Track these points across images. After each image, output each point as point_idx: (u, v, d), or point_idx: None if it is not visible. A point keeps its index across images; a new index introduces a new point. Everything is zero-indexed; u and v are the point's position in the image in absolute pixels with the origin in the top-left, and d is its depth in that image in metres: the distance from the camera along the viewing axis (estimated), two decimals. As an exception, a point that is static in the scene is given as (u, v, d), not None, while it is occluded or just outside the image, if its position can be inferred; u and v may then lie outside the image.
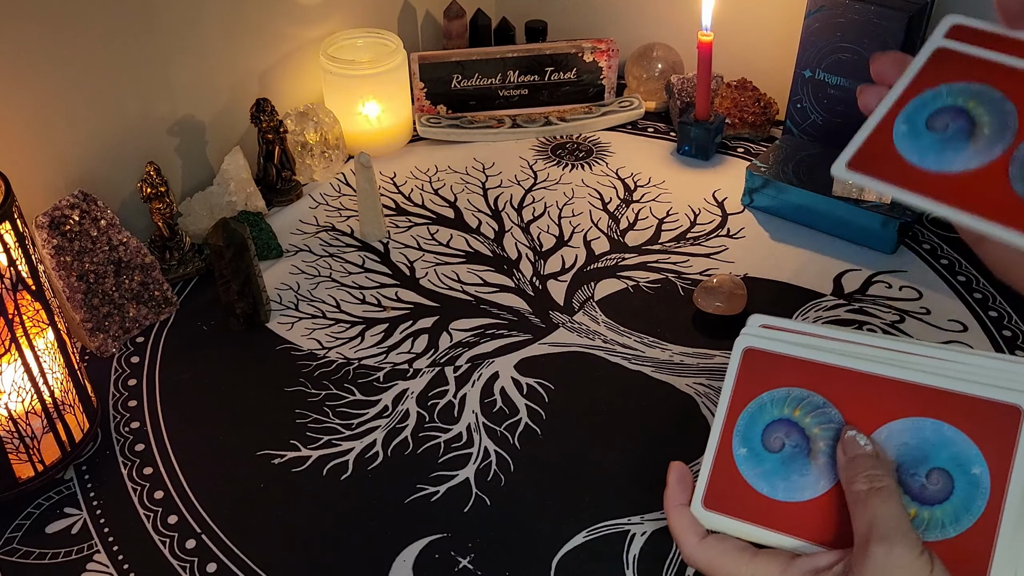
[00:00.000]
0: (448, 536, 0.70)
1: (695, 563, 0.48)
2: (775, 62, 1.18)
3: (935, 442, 0.46)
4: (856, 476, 0.45)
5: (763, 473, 0.48)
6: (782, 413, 0.49)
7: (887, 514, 0.44)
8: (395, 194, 1.09)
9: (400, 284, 0.95)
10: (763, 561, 0.47)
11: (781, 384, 0.49)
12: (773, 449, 0.48)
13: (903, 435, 0.47)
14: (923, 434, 0.46)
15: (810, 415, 0.48)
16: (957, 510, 0.45)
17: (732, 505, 0.48)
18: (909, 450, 0.46)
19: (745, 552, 0.47)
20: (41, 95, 0.86)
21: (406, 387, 0.83)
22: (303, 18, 1.12)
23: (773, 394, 0.49)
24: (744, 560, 0.47)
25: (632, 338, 0.88)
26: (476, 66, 1.20)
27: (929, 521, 0.46)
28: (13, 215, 0.66)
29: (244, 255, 0.85)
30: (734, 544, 0.47)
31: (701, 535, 0.48)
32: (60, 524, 0.72)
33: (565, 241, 1.01)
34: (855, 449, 0.46)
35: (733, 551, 0.47)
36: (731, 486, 0.48)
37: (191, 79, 1.00)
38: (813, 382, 0.49)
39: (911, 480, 0.46)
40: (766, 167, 1.04)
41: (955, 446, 0.46)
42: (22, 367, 0.69)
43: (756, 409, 0.49)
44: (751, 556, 0.47)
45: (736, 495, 0.48)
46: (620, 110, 1.23)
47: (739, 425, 0.49)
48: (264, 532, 0.71)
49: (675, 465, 0.52)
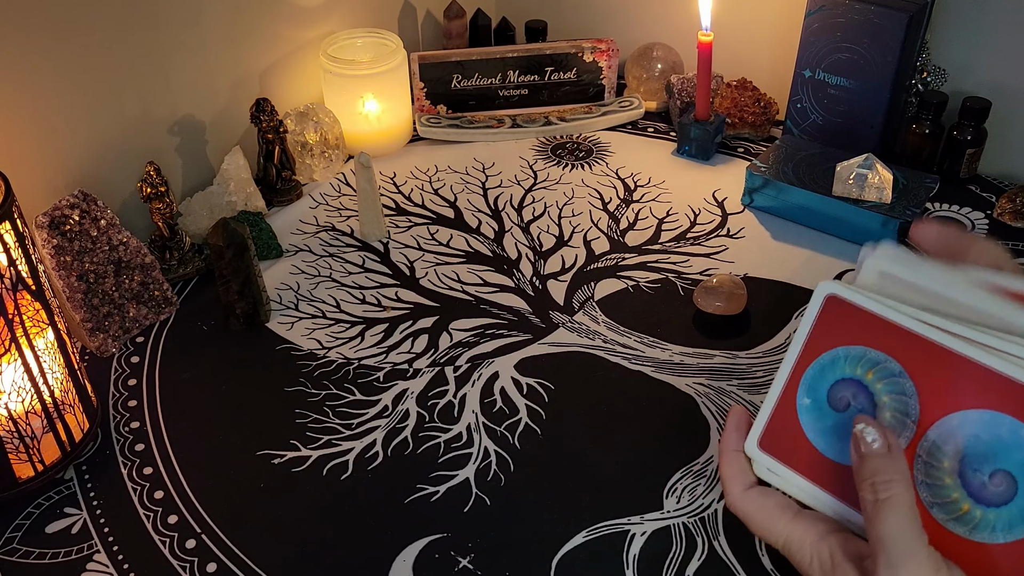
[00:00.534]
0: (448, 536, 0.70)
1: (736, 510, 0.48)
2: (775, 62, 1.18)
3: (1009, 442, 0.43)
4: (862, 482, 0.44)
5: (822, 429, 0.46)
6: (854, 373, 0.46)
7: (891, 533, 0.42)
8: (395, 194, 1.09)
9: (400, 284, 0.95)
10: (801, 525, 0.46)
11: (860, 342, 0.46)
12: (837, 407, 0.46)
13: (976, 427, 0.43)
14: (998, 431, 0.43)
15: (883, 381, 0.45)
16: (1013, 517, 0.43)
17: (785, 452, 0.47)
18: (979, 444, 0.43)
19: (787, 511, 0.47)
20: (41, 95, 0.86)
21: (406, 387, 0.83)
22: (303, 18, 1.12)
23: (849, 350, 0.46)
24: (785, 518, 0.46)
25: (632, 338, 0.88)
26: (476, 66, 1.20)
27: (980, 521, 0.43)
28: (13, 215, 0.66)
29: (244, 255, 0.85)
30: (777, 501, 0.47)
31: (747, 485, 0.48)
32: (60, 524, 0.72)
33: (565, 241, 1.01)
34: (863, 447, 0.44)
35: (774, 508, 0.47)
36: (788, 433, 0.47)
37: (191, 79, 1.00)
38: (894, 347, 0.45)
39: (972, 475, 0.43)
40: (766, 167, 1.04)
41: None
42: (22, 367, 0.69)
43: (829, 362, 0.46)
44: (792, 516, 0.46)
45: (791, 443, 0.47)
46: (620, 110, 1.23)
47: (808, 374, 0.47)
48: (264, 532, 0.71)
49: (736, 409, 0.51)
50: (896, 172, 0.99)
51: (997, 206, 1.03)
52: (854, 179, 0.97)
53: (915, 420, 0.45)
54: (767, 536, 0.47)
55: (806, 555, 0.46)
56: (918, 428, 0.45)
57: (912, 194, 0.98)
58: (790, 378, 0.47)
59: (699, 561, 0.68)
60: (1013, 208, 1.02)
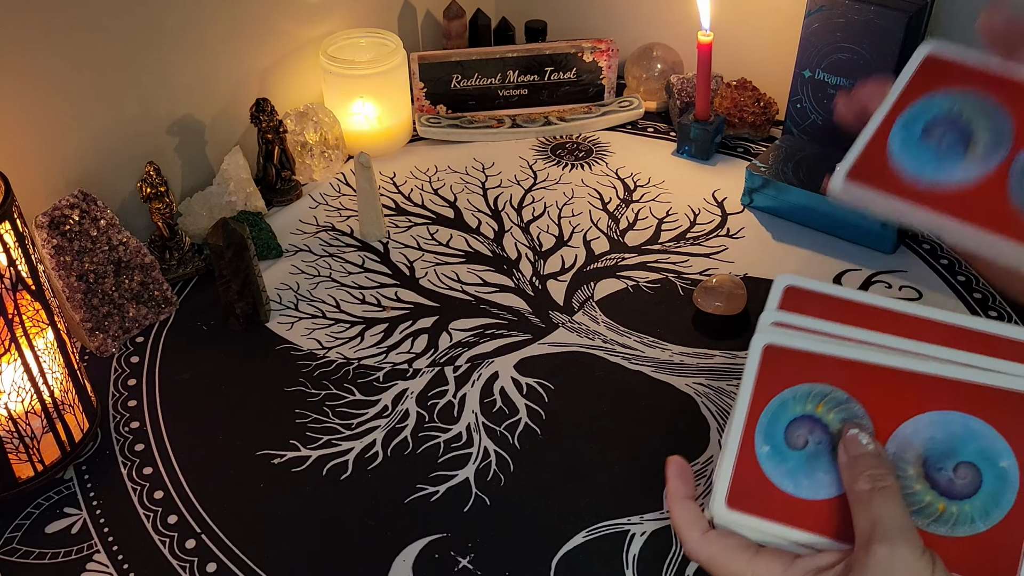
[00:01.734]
0: (448, 536, 0.70)
1: (697, 557, 0.48)
2: (775, 62, 1.18)
3: (962, 436, 0.45)
4: (858, 476, 0.45)
5: (787, 471, 0.47)
6: (805, 410, 0.48)
7: (890, 514, 0.43)
8: (395, 194, 1.09)
9: (400, 284, 0.95)
10: (765, 560, 0.46)
11: (802, 380, 0.48)
12: (796, 446, 0.47)
13: (929, 429, 0.46)
14: (949, 428, 0.45)
15: (833, 410, 0.47)
16: (986, 504, 0.44)
17: (756, 504, 0.47)
18: (936, 444, 0.45)
19: (748, 549, 0.47)
20: (41, 95, 0.86)
21: (406, 387, 0.83)
22: (303, 18, 1.12)
23: (795, 390, 0.48)
24: (746, 557, 0.46)
25: (632, 338, 0.88)
26: (476, 66, 1.20)
27: (958, 516, 0.45)
28: (13, 215, 0.66)
29: (244, 255, 0.85)
30: (737, 541, 0.47)
31: (704, 529, 0.48)
32: (60, 524, 0.72)
33: (565, 241, 1.01)
34: (857, 448, 0.46)
35: (736, 548, 0.47)
36: (754, 485, 0.47)
37: (191, 79, 1.00)
38: (836, 377, 0.47)
39: (938, 475, 0.45)
40: (766, 167, 1.04)
41: (982, 439, 0.45)
42: (22, 367, 0.69)
43: (778, 406, 0.48)
44: (753, 554, 0.47)
45: (760, 494, 0.47)
46: (620, 110, 1.23)
47: (761, 422, 0.48)
48: (264, 532, 0.71)
49: (673, 460, 0.51)
50: (896, 172, 0.99)
51: (997, 206, 1.03)
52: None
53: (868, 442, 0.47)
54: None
55: None
56: None
57: (912, 194, 0.98)
58: (744, 432, 0.48)
59: (699, 561, 0.68)
60: (1013, 208, 1.02)
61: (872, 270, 0.96)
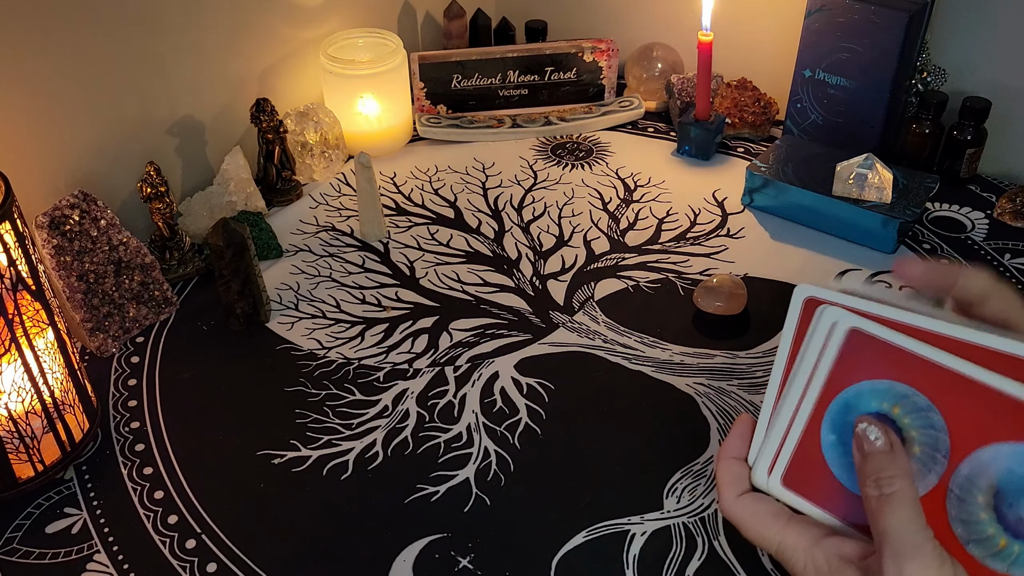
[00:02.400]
0: (448, 536, 0.70)
1: (729, 516, 0.48)
2: (775, 62, 1.18)
3: None
4: (866, 479, 0.44)
5: (849, 464, 0.46)
6: (880, 407, 0.45)
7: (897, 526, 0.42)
8: (395, 194, 1.09)
9: (400, 284, 0.95)
10: (794, 531, 0.46)
11: (884, 375, 0.44)
12: None
13: (1010, 460, 0.42)
14: None
15: (910, 416, 0.44)
16: None
17: (810, 489, 0.47)
18: (1014, 478, 0.42)
19: (780, 517, 0.47)
20: (41, 95, 0.86)
21: (406, 387, 0.83)
22: (303, 18, 1.12)
23: (874, 385, 0.45)
24: (777, 525, 0.47)
25: (632, 338, 0.88)
26: (476, 66, 1.20)
27: (1018, 556, 0.43)
28: (13, 215, 0.66)
29: (244, 255, 0.85)
30: (770, 507, 0.47)
31: (740, 491, 0.48)
32: (60, 524, 0.72)
33: (565, 241, 1.01)
34: (867, 446, 0.44)
35: (768, 514, 0.47)
36: (813, 470, 0.46)
37: (191, 79, 1.00)
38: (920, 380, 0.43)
39: (1008, 511, 0.42)
40: (766, 167, 1.04)
41: None
42: (22, 367, 0.69)
43: (853, 396, 0.45)
44: (785, 523, 0.47)
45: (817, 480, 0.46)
46: (620, 110, 1.23)
47: (831, 409, 0.46)
48: (264, 532, 0.71)
49: (744, 417, 0.51)
50: (896, 172, 0.99)
51: (997, 206, 1.03)
52: (854, 179, 0.97)
53: (945, 455, 0.44)
54: (760, 542, 0.48)
55: (799, 561, 0.46)
56: (949, 463, 0.44)
57: (912, 194, 0.98)
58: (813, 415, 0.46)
59: (699, 561, 0.68)
60: (1013, 208, 1.02)
61: (872, 270, 0.96)
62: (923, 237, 1.00)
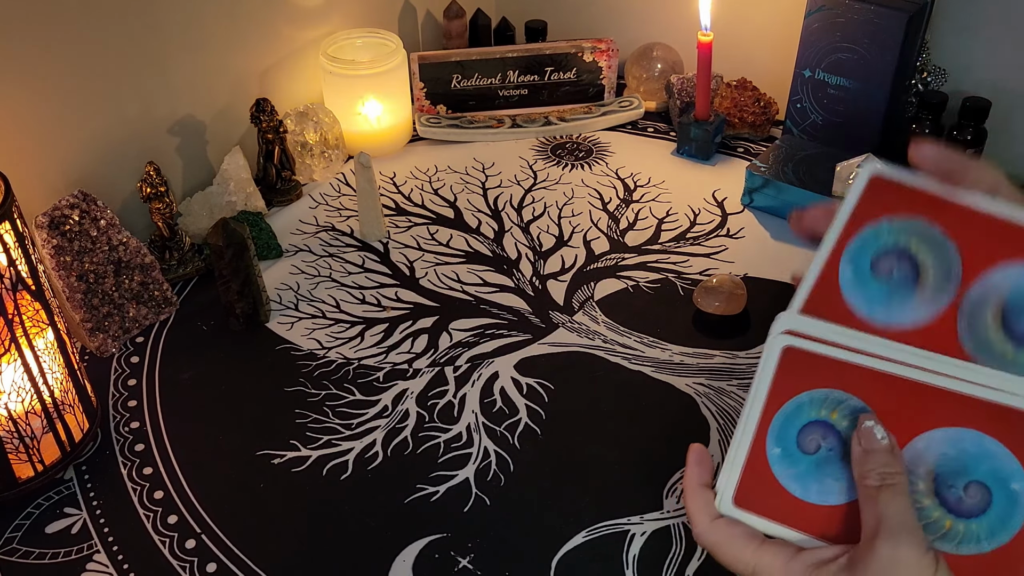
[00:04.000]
0: (448, 536, 0.70)
1: (704, 543, 0.49)
2: (775, 62, 1.18)
3: (975, 454, 0.45)
4: (869, 471, 0.45)
5: (796, 475, 0.47)
6: (819, 415, 0.48)
7: (896, 511, 0.44)
8: (395, 194, 1.09)
9: (400, 284, 0.95)
10: (769, 551, 0.47)
11: (820, 385, 0.48)
12: (808, 451, 0.48)
13: (942, 445, 0.46)
14: (963, 445, 0.45)
15: (848, 418, 0.47)
16: (993, 525, 0.45)
17: (763, 505, 0.47)
18: (947, 461, 0.45)
19: (753, 539, 0.47)
20: (41, 95, 0.86)
21: (406, 387, 0.83)
22: (303, 18, 1.12)
23: (812, 395, 0.48)
24: (751, 547, 0.47)
25: (632, 338, 0.88)
26: (476, 66, 1.20)
27: (964, 534, 0.45)
28: (13, 215, 0.66)
29: (244, 255, 0.85)
30: (743, 530, 0.48)
31: (713, 516, 0.49)
32: (60, 524, 0.72)
33: (565, 241, 1.01)
34: (871, 442, 0.46)
35: (741, 537, 0.47)
36: (763, 486, 0.48)
37: (191, 79, 1.00)
38: (853, 384, 0.47)
39: (948, 492, 0.45)
40: (766, 167, 1.04)
41: (995, 460, 0.45)
42: (22, 367, 0.69)
43: (793, 409, 0.48)
44: (758, 544, 0.47)
45: (768, 495, 0.47)
46: (620, 110, 1.23)
47: (774, 424, 0.48)
48: (264, 532, 0.71)
49: (695, 447, 0.52)
50: (896, 172, 0.99)
51: (997, 206, 1.03)
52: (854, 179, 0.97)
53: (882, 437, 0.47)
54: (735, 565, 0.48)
55: None
56: None
57: (912, 194, 0.98)
58: (756, 433, 0.48)
59: (699, 561, 0.68)
60: (1013, 208, 1.02)
61: (872, 270, 0.96)
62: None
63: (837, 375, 0.47)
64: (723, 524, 0.48)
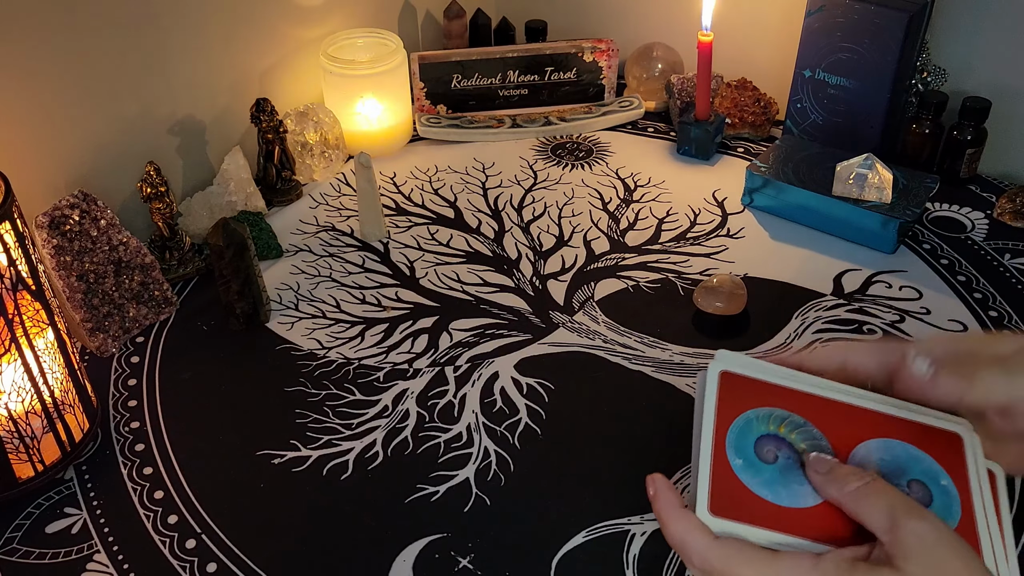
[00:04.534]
0: (448, 536, 0.70)
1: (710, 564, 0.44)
2: (775, 62, 1.18)
3: (906, 458, 0.50)
4: (844, 480, 0.46)
5: (764, 481, 0.48)
6: (768, 429, 0.50)
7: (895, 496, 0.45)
8: (395, 194, 1.09)
9: (400, 284, 0.95)
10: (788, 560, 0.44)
11: (763, 404, 0.51)
12: (768, 460, 0.49)
13: (879, 452, 0.50)
14: (895, 452, 0.50)
15: (795, 431, 0.50)
16: (941, 515, 0.47)
17: (739, 511, 0.47)
18: (887, 464, 0.49)
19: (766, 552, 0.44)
20: (41, 95, 0.86)
21: (406, 387, 0.83)
22: (303, 18, 1.12)
23: (758, 412, 0.51)
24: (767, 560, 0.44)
25: (632, 338, 0.88)
26: (476, 66, 1.20)
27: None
28: (13, 215, 0.66)
29: (244, 255, 0.85)
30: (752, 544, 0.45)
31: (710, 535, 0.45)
32: (60, 524, 0.72)
33: (565, 241, 1.01)
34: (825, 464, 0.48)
35: (752, 550, 0.44)
36: (734, 493, 0.48)
37: (191, 79, 1.00)
38: (791, 404, 0.51)
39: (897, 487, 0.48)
40: (766, 167, 1.04)
41: (923, 462, 0.50)
42: (22, 367, 0.69)
43: (743, 424, 0.50)
44: (773, 555, 0.44)
45: (741, 501, 0.47)
46: (620, 110, 1.23)
47: (730, 437, 0.50)
48: (264, 532, 0.71)
49: (653, 477, 0.49)
50: (896, 172, 0.99)
51: (997, 206, 1.03)
52: (854, 179, 0.97)
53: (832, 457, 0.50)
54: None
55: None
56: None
57: (912, 194, 0.98)
58: (715, 445, 0.50)
59: (699, 561, 0.67)
60: (1013, 208, 1.02)
61: (872, 270, 0.96)
62: (923, 237, 1.00)
63: (774, 396, 0.51)
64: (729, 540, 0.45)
